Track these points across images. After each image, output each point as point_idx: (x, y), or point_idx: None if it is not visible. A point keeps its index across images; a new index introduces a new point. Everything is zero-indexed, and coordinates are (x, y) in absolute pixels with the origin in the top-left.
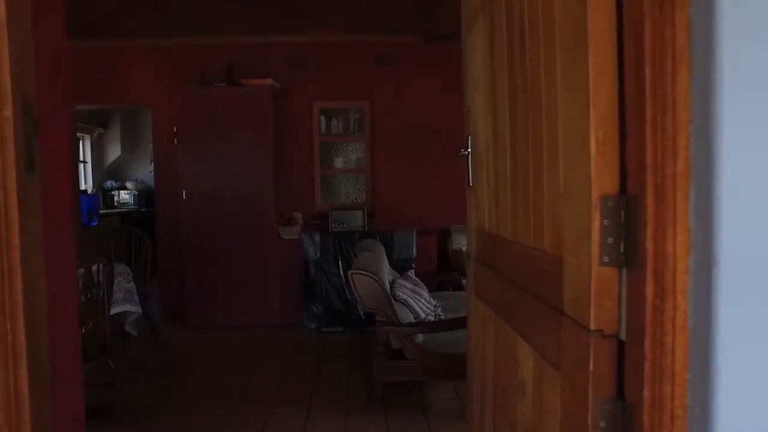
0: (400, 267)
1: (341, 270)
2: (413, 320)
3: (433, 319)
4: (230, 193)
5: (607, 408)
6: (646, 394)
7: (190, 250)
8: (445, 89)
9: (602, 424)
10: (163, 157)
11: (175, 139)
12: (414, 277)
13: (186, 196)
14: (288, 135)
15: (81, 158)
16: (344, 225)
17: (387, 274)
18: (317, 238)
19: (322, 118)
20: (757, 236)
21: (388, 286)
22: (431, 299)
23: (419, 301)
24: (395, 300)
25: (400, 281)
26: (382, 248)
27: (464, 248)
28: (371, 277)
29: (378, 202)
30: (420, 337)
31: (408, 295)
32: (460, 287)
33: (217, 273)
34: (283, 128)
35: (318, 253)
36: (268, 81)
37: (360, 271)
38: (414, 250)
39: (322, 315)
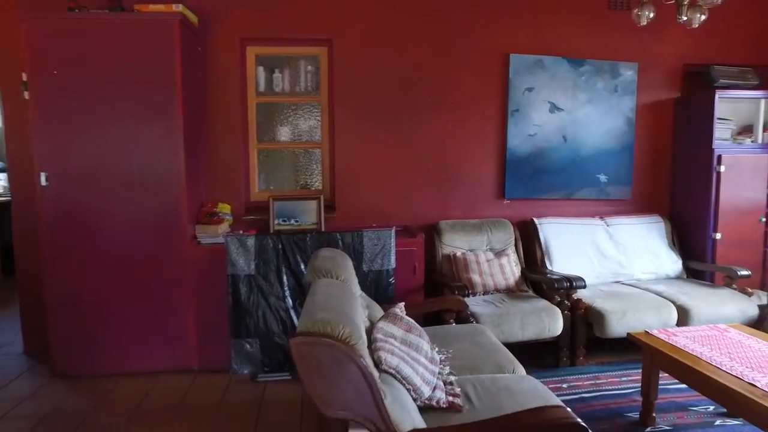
0: (373, 286)
1: (287, 289)
2: (411, 405)
3: (443, 399)
4: (117, 177)
5: None
6: None
7: (55, 261)
8: (441, 25)
9: None
10: (10, 121)
11: (26, 93)
12: (404, 315)
13: (46, 180)
14: (209, 92)
15: None
16: (292, 222)
17: (360, 311)
18: (251, 242)
19: (261, 69)
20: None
21: (371, 361)
22: (434, 352)
23: (418, 365)
24: (379, 369)
25: (383, 327)
26: (348, 260)
27: (461, 252)
28: (342, 352)
29: (340, 190)
30: None
31: (400, 357)
32: (463, 318)
33: (99, 295)
34: (202, 81)
35: (252, 265)
36: (177, 8)
37: (315, 337)
38: (392, 259)
39: (260, 355)
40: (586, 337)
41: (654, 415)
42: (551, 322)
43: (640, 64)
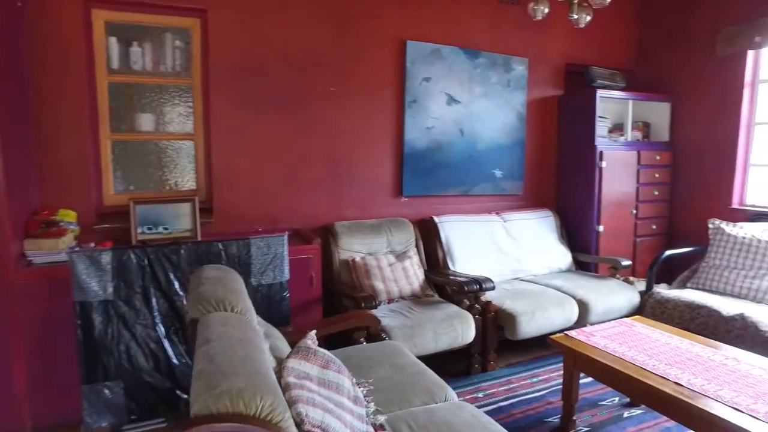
0: (265, 303)
1: (158, 315)
2: None
3: None
4: None
5: None
6: None
7: None
8: (338, 5)
9: None
10: None
11: None
12: (318, 347)
13: None
14: (43, 67)
15: None
16: (161, 230)
17: (270, 358)
18: (107, 258)
19: (113, 41)
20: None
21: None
22: (357, 389)
23: (344, 412)
24: (300, 431)
25: (296, 366)
26: (240, 280)
27: (360, 257)
28: None
29: (218, 189)
30: None
31: (323, 406)
32: (373, 333)
33: None
34: (31, 54)
35: (110, 288)
36: None
37: (223, 422)
38: (286, 270)
39: (124, 401)
40: (496, 340)
41: (574, 418)
42: (464, 330)
43: (529, 60)
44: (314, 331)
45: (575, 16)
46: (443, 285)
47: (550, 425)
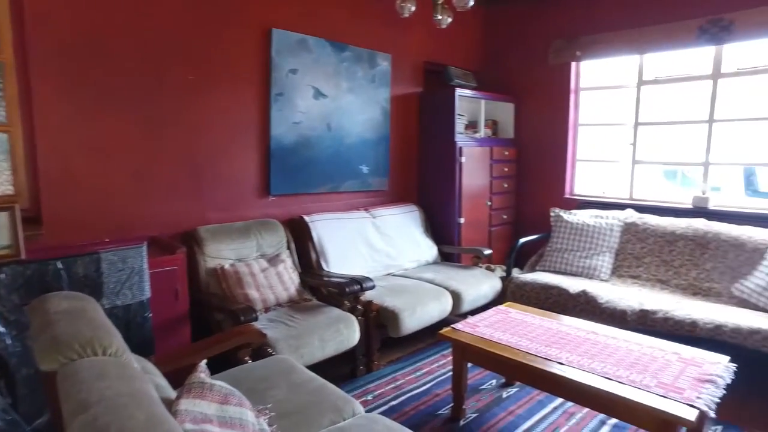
0: (122, 328)
1: None
2: None
3: None
4: None
5: None
6: None
7: None
8: None
9: None
10: None
11: None
12: (213, 380)
13: None
14: None
15: None
16: None
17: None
18: None
19: None
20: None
21: None
22: (261, 421)
23: None
24: None
25: (190, 408)
26: (98, 308)
27: (230, 263)
28: None
29: (48, 193)
30: None
31: None
32: (259, 352)
33: None
34: None
35: None
36: None
37: None
38: (146, 286)
39: None
40: (379, 339)
41: (464, 407)
42: (349, 333)
43: (393, 56)
44: (204, 362)
45: (439, 17)
46: (320, 287)
47: (442, 417)
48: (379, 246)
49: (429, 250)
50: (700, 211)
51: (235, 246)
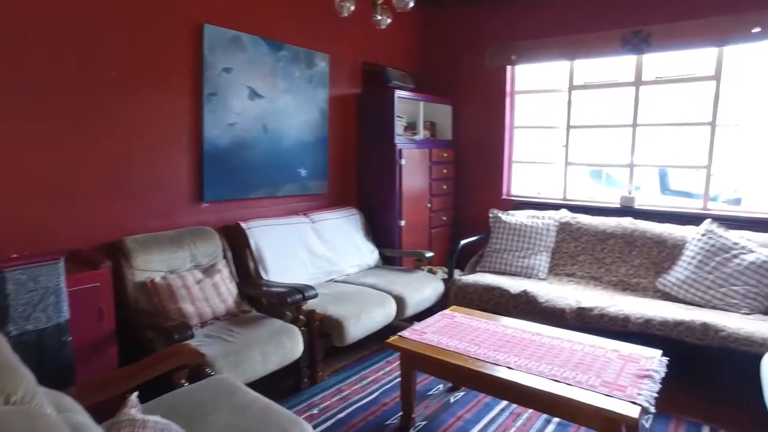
0: (35, 356)
1: None
2: None
3: None
4: None
5: None
6: None
7: None
8: None
9: None
10: None
11: None
12: (146, 416)
13: None
14: None
15: None
16: None
17: None
18: None
19: None
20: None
21: None
22: None
23: None
24: None
25: None
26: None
27: (161, 276)
28: None
29: None
30: None
31: None
32: (197, 373)
33: None
34: None
35: None
36: None
37: None
38: (64, 307)
39: None
40: (323, 349)
41: (413, 416)
42: (293, 345)
43: (331, 56)
44: (135, 395)
45: (379, 18)
46: (260, 298)
47: (391, 427)
48: (319, 252)
49: (370, 254)
50: (627, 210)
51: (167, 257)
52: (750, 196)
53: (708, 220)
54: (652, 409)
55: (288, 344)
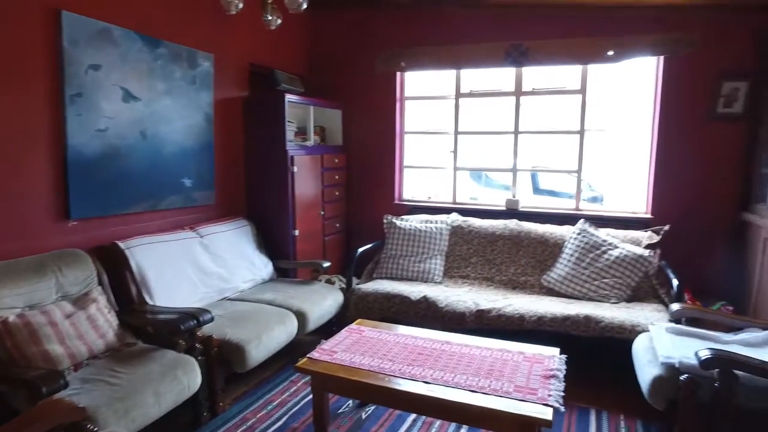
0: None
1: None
2: None
3: None
4: None
5: None
6: None
7: None
8: None
9: None
10: None
11: None
12: None
13: None
14: None
15: None
16: None
17: None
18: None
19: None
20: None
21: None
22: None
23: None
24: None
25: None
26: None
27: (16, 314)
28: None
29: None
30: None
31: None
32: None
33: None
34: None
35: None
36: None
37: None
38: None
39: None
40: (223, 377)
41: None
42: (190, 379)
43: (215, 56)
44: None
45: (269, 18)
46: (146, 327)
47: None
48: (210, 269)
49: (264, 267)
50: (512, 212)
51: (25, 289)
52: (611, 195)
53: (581, 220)
54: (563, 409)
55: (185, 379)
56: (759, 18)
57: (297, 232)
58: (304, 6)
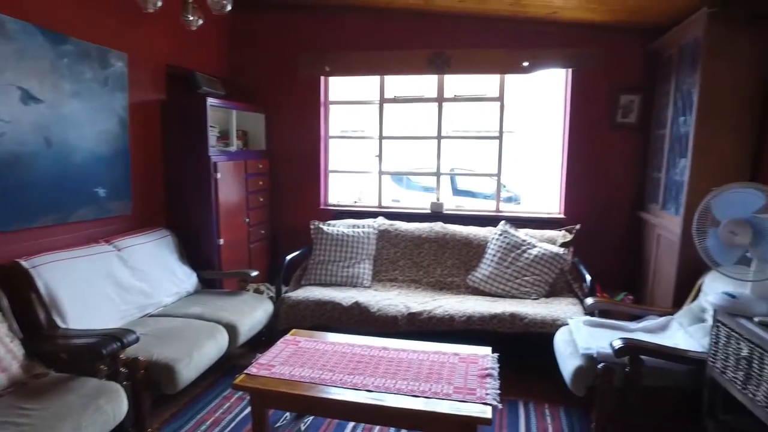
0: None
1: None
2: None
3: None
4: None
5: None
6: None
7: None
8: None
9: None
10: None
11: None
12: None
13: None
14: None
15: None
16: None
17: None
18: None
19: None
20: None
21: None
22: None
23: None
24: None
25: None
26: None
27: None
28: None
29: None
30: None
31: None
32: None
33: None
34: None
35: None
36: None
37: None
38: None
39: None
40: (152, 400)
41: None
42: (115, 407)
43: (129, 55)
44: None
45: (190, 18)
46: (58, 354)
47: None
48: (130, 284)
49: (188, 279)
50: (437, 215)
51: None
52: (527, 196)
53: (502, 222)
54: (500, 406)
55: (109, 408)
56: (650, 39)
57: (222, 241)
58: (229, 7)
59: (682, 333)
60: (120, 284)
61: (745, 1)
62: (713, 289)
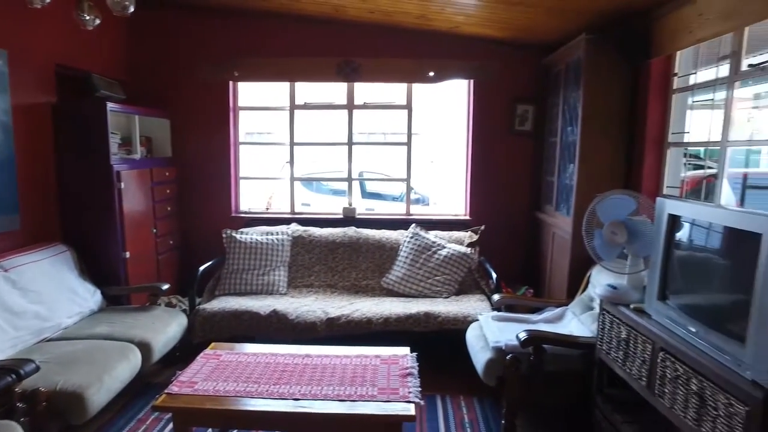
0: None
1: None
2: None
3: None
4: None
5: None
6: None
7: None
8: None
9: None
10: None
11: None
12: None
13: None
14: None
15: None
16: None
17: None
18: None
19: None
20: None
21: None
22: None
23: None
24: None
25: None
26: None
27: None
28: None
29: None
30: None
31: None
32: None
33: None
34: None
35: None
36: None
37: None
38: None
39: None
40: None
41: None
42: None
43: (9, 53)
44: None
45: (86, 17)
46: None
47: None
48: (21, 307)
49: (91, 296)
50: (349, 220)
51: None
52: (435, 197)
53: (413, 225)
54: (422, 403)
55: None
56: (541, 55)
57: (128, 254)
58: (131, 9)
59: (576, 321)
60: (9, 309)
61: (615, 30)
62: (599, 281)
